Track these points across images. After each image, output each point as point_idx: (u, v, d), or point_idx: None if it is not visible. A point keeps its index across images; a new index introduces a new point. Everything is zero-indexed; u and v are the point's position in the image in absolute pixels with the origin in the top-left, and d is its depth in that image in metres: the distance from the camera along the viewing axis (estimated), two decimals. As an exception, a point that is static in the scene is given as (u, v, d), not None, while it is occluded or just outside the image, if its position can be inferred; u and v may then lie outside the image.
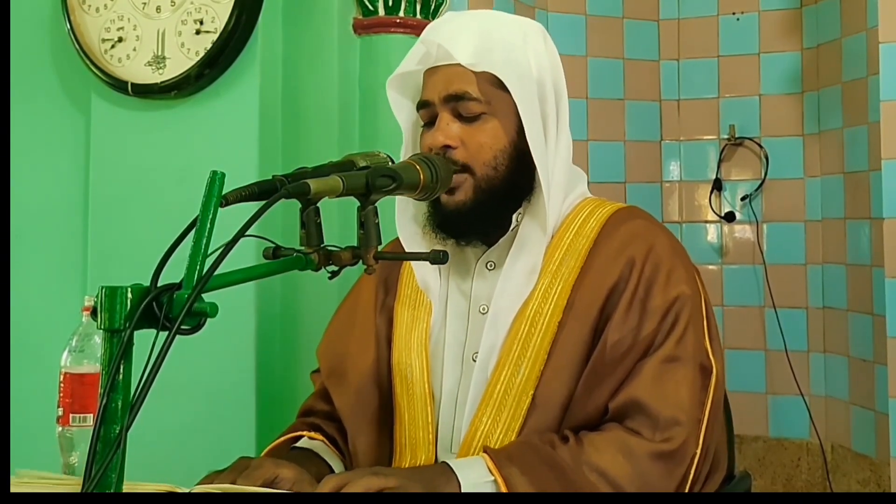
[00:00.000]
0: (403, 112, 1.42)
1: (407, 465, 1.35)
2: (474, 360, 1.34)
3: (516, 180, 1.33)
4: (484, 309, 1.36)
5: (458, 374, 1.36)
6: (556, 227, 1.36)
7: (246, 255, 1.02)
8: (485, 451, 1.23)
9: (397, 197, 1.39)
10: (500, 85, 1.32)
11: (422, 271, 1.41)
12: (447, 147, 1.32)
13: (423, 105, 1.37)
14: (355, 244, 1.13)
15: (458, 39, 1.33)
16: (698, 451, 1.24)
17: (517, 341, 1.31)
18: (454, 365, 1.37)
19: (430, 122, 1.36)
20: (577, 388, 1.27)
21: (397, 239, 1.46)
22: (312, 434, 1.45)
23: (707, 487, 1.32)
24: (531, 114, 1.32)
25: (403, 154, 1.42)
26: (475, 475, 1.19)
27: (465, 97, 1.32)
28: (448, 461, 1.24)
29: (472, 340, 1.36)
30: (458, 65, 1.32)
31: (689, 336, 1.27)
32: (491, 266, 1.38)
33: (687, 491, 1.24)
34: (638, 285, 1.29)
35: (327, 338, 1.54)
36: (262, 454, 1.44)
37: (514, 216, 1.36)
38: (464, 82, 1.32)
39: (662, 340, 1.27)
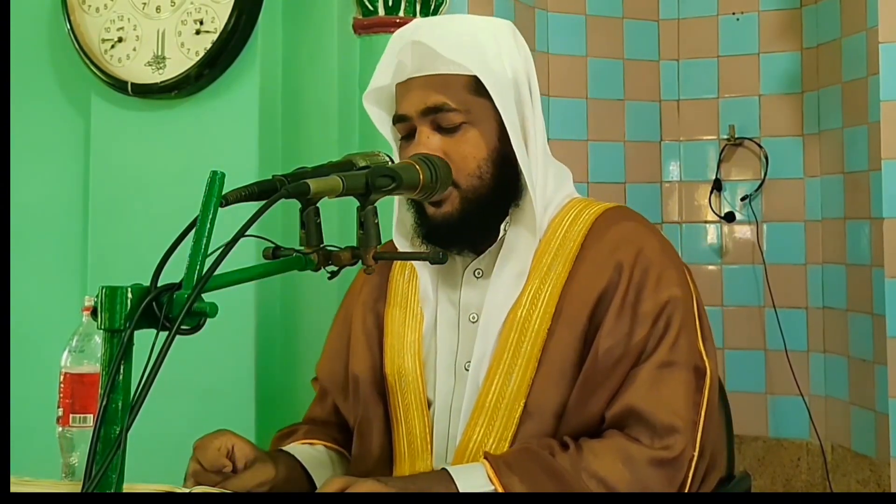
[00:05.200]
0: (386, 126, 1.39)
1: (407, 474, 1.34)
2: (467, 369, 1.33)
3: (502, 187, 1.31)
4: (474, 318, 1.35)
5: (452, 384, 1.35)
6: (544, 230, 1.34)
7: (246, 255, 1.02)
8: (485, 458, 1.22)
9: (394, 207, 1.38)
10: (476, 91, 1.29)
11: (424, 280, 1.39)
12: None
13: (399, 119, 1.33)
14: (355, 244, 1.13)
15: (436, 40, 1.30)
16: (695, 454, 1.23)
17: (507, 349, 1.30)
18: (447, 374, 1.36)
19: (408, 136, 1.33)
20: (571, 396, 1.26)
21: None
22: (311, 441, 1.44)
23: (704, 487, 1.31)
24: (512, 121, 1.29)
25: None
26: (474, 483, 1.19)
27: (443, 108, 1.29)
28: (447, 468, 1.23)
29: (463, 349, 1.35)
30: (432, 76, 1.29)
31: (683, 339, 1.27)
32: (479, 274, 1.37)
33: (686, 492, 1.24)
34: (628, 290, 1.27)
35: (325, 355, 1.53)
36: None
37: (502, 226, 1.34)
38: (440, 93, 1.29)
39: (655, 346, 1.25)
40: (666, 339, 1.26)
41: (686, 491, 1.24)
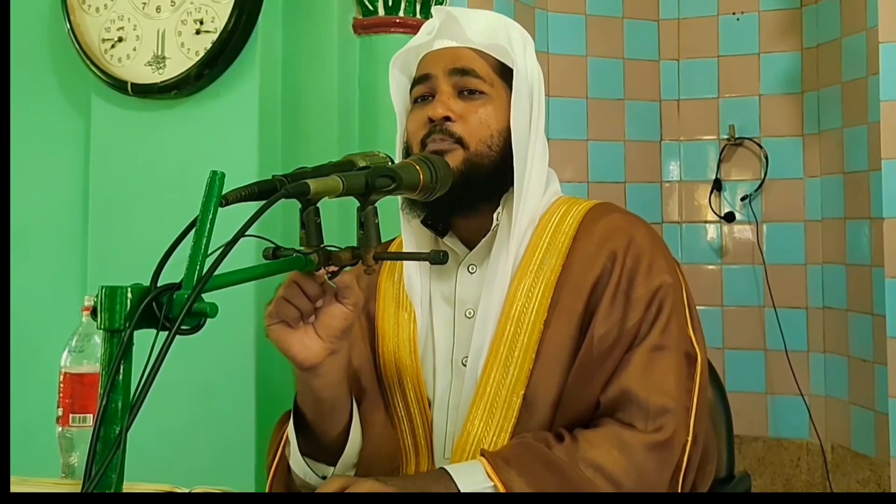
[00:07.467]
0: (400, 90, 1.43)
1: (411, 472, 1.34)
2: (464, 365, 1.34)
3: (503, 167, 1.33)
4: (470, 313, 1.36)
5: (449, 379, 1.36)
6: (534, 226, 1.37)
7: (246, 255, 1.02)
8: (482, 455, 1.22)
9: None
10: (500, 74, 1.36)
11: (408, 275, 1.40)
12: (446, 119, 1.32)
13: (421, 80, 1.37)
14: (355, 244, 1.13)
15: (471, 21, 1.37)
16: (689, 439, 1.25)
17: (504, 343, 1.31)
18: (444, 370, 1.37)
19: (422, 98, 1.37)
20: (567, 384, 1.28)
21: (391, 241, 1.46)
22: None
23: (701, 477, 1.32)
24: (521, 106, 1.35)
25: (399, 137, 1.41)
26: (473, 481, 1.19)
27: (471, 73, 1.35)
28: (446, 467, 1.23)
29: (460, 345, 1.36)
30: (464, 48, 1.36)
31: (674, 324, 1.29)
32: (473, 269, 1.38)
33: (681, 479, 1.25)
34: (621, 277, 1.30)
35: None
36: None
37: (494, 215, 1.35)
38: (471, 60, 1.36)
39: (648, 330, 1.27)
40: (658, 323, 1.28)
41: (682, 476, 1.25)
